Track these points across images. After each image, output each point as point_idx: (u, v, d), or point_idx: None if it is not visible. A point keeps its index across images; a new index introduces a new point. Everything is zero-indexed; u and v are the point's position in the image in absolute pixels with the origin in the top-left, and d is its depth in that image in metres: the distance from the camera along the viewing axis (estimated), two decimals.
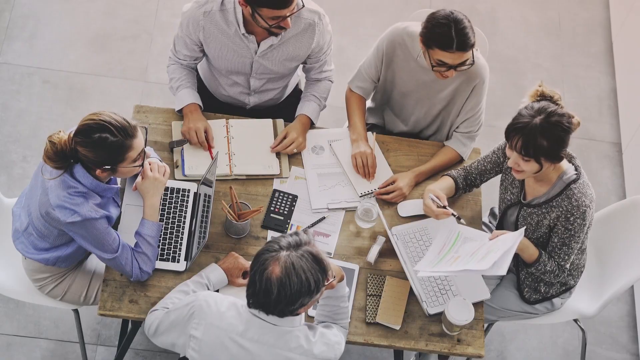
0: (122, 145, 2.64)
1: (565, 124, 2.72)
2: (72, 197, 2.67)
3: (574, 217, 2.85)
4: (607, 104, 4.47)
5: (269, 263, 2.38)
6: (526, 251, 2.94)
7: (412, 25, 3.16)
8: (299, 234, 2.44)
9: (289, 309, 2.43)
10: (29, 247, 2.91)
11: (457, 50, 2.95)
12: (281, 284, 2.37)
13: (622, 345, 3.82)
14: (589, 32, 4.69)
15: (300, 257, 2.39)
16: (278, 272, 2.37)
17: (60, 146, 2.62)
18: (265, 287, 2.38)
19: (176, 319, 2.58)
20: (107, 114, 2.64)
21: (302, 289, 2.38)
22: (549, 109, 2.73)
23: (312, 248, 2.42)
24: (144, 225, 2.85)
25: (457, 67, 3.01)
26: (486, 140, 4.03)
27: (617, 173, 4.26)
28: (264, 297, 2.40)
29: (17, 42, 4.28)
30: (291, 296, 2.38)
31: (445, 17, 2.95)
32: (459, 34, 2.94)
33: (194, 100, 3.21)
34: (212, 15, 3.09)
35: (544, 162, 2.76)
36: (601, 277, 3.30)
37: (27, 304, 3.61)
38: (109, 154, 2.64)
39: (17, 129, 4.05)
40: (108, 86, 4.21)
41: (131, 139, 2.65)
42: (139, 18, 4.43)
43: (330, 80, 3.37)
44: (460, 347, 2.91)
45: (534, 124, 2.71)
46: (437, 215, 2.96)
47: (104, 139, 2.61)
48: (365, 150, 3.17)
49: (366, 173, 3.17)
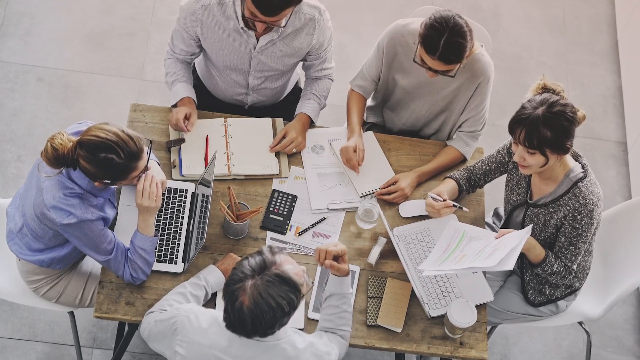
0: (127, 168, 2.62)
1: (568, 114, 2.72)
2: (67, 199, 2.66)
3: (581, 215, 2.84)
4: (612, 102, 4.48)
5: (238, 294, 2.36)
6: (533, 251, 2.92)
7: (414, 22, 3.15)
8: (262, 253, 2.40)
9: (269, 332, 2.42)
10: (23, 248, 2.91)
11: (438, 59, 2.93)
12: (253, 314, 2.35)
13: (627, 348, 3.82)
14: (594, 29, 4.71)
15: (267, 283, 2.36)
16: (247, 303, 2.35)
17: (62, 152, 2.59)
18: (239, 318, 2.37)
19: (163, 330, 2.59)
20: (114, 130, 2.59)
21: (277, 314, 2.36)
22: (551, 100, 2.74)
23: (278, 269, 2.38)
24: (136, 237, 2.83)
25: (437, 72, 2.99)
26: (489, 139, 4.05)
27: (622, 173, 4.27)
28: (240, 325, 2.39)
29: (11, 39, 4.29)
30: (267, 322, 2.37)
31: (442, 21, 2.90)
32: (447, 45, 2.90)
33: (188, 94, 3.22)
34: (210, 8, 3.08)
35: (550, 153, 2.75)
36: (606, 278, 3.30)
37: (21, 306, 3.61)
38: (112, 174, 2.63)
39: (11, 128, 4.05)
40: (104, 84, 4.22)
41: (137, 161, 2.63)
42: (136, 15, 4.45)
43: (331, 78, 3.38)
44: (462, 350, 2.90)
45: (537, 115, 2.71)
46: (439, 210, 2.95)
47: (109, 160, 2.58)
48: (348, 146, 3.15)
49: (352, 166, 3.15)
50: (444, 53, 2.90)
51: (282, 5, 2.88)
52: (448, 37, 2.88)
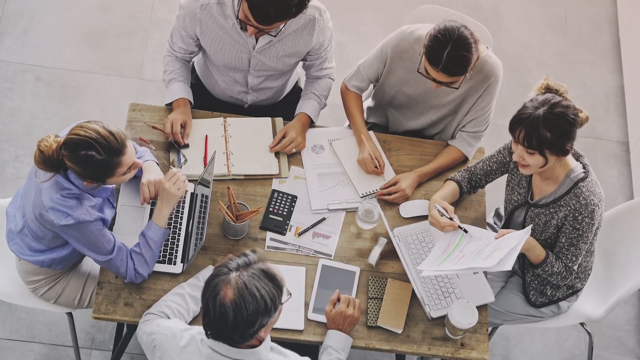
0: (109, 164, 2.63)
1: (570, 116, 2.70)
2: (65, 200, 2.66)
3: (582, 216, 2.82)
4: (614, 102, 4.48)
5: (220, 287, 2.33)
6: (533, 251, 2.91)
7: (419, 28, 3.12)
8: (247, 255, 2.39)
9: (248, 332, 2.35)
10: (24, 248, 2.90)
11: (441, 71, 2.91)
12: (236, 306, 2.31)
13: (629, 349, 3.81)
14: (596, 29, 4.70)
15: (251, 275, 2.33)
16: (231, 294, 2.31)
17: (49, 155, 2.61)
18: (220, 313, 2.32)
19: (145, 343, 2.60)
20: (94, 127, 2.61)
21: (259, 308, 2.32)
22: (553, 100, 2.72)
23: (262, 265, 2.37)
24: (150, 227, 2.84)
25: (441, 83, 2.97)
26: (490, 139, 4.05)
27: (624, 173, 4.26)
28: (221, 323, 2.34)
29: (9, 38, 4.29)
30: (248, 317, 2.32)
31: (446, 33, 2.88)
32: (450, 58, 2.88)
33: (185, 95, 3.22)
34: (210, 8, 3.08)
35: (549, 155, 2.73)
36: (608, 279, 3.29)
37: (19, 307, 3.60)
38: (96, 171, 2.63)
39: (10, 128, 4.05)
40: (103, 84, 4.22)
41: (119, 156, 2.63)
42: (135, 14, 4.45)
43: (331, 78, 3.37)
44: (463, 351, 2.90)
45: (537, 115, 2.69)
46: (442, 227, 2.93)
47: (89, 157, 2.59)
48: (364, 158, 3.16)
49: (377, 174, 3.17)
50: (447, 66, 2.88)
51: (277, 17, 2.88)
52: (451, 49, 2.86)
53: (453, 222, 2.91)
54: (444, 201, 2.97)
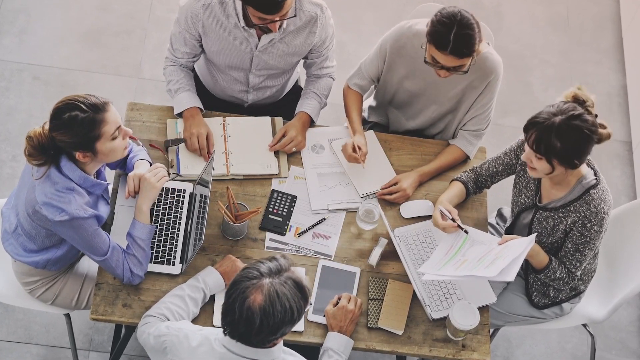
0: (94, 120, 2.63)
1: (586, 130, 2.66)
2: (59, 195, 2.65)
3: (591, 223, 2.82)
4: (617, 101, 4.49)
5: (251, 291, 2.32)
6: (536, 257, 2.91)
7: (418, 23, 3.13)
8: (278, 259, 2.39)
9: (269, 339, 2.38)
10: (18, 249, 2.90)
11: (450, 54, 2.90)
12: (264, 313, 2.31)
13: (632, 351, 3.81)
14: (598, 27, 4.71)
15: (283, 284, 2.34)
16: (261, 300, 2.31)
17: (37, 139, 2.62)
18: (246, 317, 2.32)
19: (155, 346, 2.59)
20: (75, 95, 2.66)
21: (286, 317, 2.34)
22: (572, 112, 2.68)
23: (293, 274, 2.38)
24: (134, 226, 2.84)
25: (449, 69, 2.96)
26: (492, 139, 4.04)
27: (627, 173, 4.26)
28: (245, 326, 2.34)
29: (7, 37, 4.29)
30: (274, 325, 2.33)
31: (450, 16, 2.89)
32: (457, 39, 2.88)
33: (195, 104, 3.20)
34: (212, 8, 3.07)
35: (556, 164, 2.72)
36: (611, 280, 3.29)
37: (16, 308, 3.60)
38: (83, 132, 2.62)
39: (6, 127, 4.05)
40: (101, 83, 4.22)
41: (102, 112, 2.65)
42: (134, 13, 4.45)
43: (332, 77, 3.37)
44: (465, 352, 2.89)
45: (552, 122, 2.67)
46: (444, 228, 2.93)
47: (74, 117, 2.61)
48: (346, 143, 3.14)
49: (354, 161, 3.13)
50: (456, 46, 2.88)
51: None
52: (457, 30, 2.87)
53: (454, 223, 2.91)
54: (449, 204, 2.97)
